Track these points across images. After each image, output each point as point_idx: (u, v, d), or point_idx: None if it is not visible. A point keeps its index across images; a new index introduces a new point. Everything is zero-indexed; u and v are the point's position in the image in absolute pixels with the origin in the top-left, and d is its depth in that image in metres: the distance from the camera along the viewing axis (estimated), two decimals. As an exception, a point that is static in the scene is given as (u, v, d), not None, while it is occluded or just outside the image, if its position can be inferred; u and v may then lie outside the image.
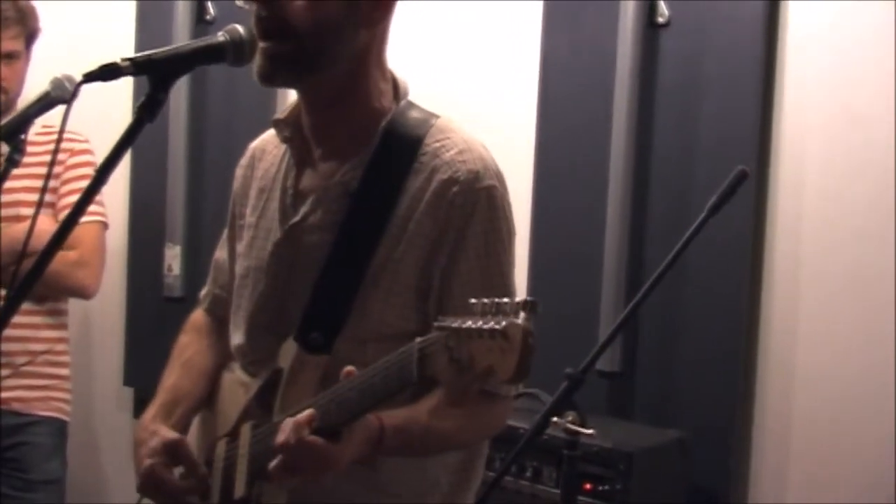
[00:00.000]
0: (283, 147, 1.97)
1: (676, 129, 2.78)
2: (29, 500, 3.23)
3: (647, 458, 2.54)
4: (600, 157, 2.84)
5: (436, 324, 1.43)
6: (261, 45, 1.78)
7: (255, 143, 2.12)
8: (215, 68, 1.79)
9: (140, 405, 3.92)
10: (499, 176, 1.85)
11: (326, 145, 1.90)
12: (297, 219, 1.88)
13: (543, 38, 3.01)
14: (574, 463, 2.27)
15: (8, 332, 3.09)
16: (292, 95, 3.44)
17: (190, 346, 2.14)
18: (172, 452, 1.89)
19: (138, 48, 3.54)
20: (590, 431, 2.28)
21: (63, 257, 3.18)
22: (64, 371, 3.36)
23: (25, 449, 3.26)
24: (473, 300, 1.40)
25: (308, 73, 1.82)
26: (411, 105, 1.91)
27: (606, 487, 2.48)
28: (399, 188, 1.81)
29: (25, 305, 3.16)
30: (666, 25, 2.78)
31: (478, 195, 1.80)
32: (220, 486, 1.90)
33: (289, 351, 1.83)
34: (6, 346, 3.17)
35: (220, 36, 1.71)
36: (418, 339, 1.48)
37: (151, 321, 3.79)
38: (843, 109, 2.54)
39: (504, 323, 1.34)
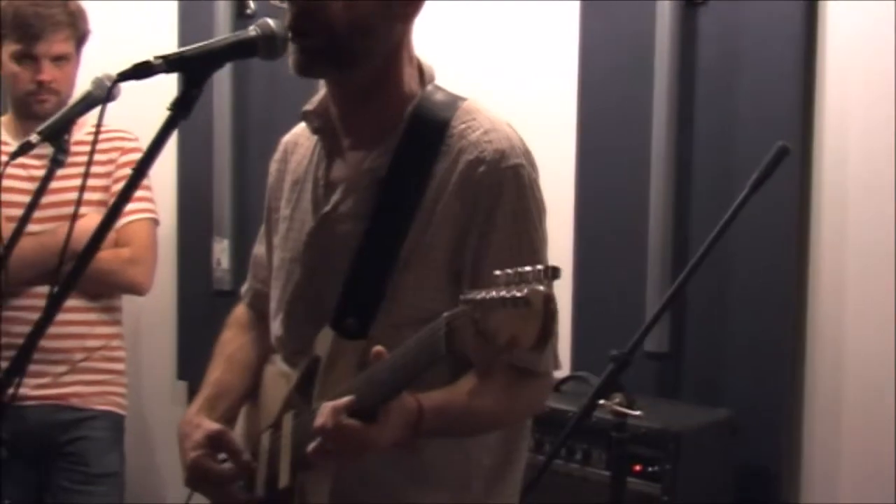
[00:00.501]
0: (315, 139, 1.98)
1: (717, 106, 2.76)
2: (89, 493, 3.28)
3: (695, 438, 2.53)
4: (642, 136, 2.83)
5: (461, 297, 1.43)
6: (295, 40, 1.79)
7: (286, 138, 2.13)
8: (258, 63, 1.80)
9: (194, 398, 3.97)
10: (527, 154, 1.84)
11: (355, 134, 1.91)
12: (328, 208, 1.89)
13: (582, 19, 3.00)
14: (622, 445, 2.27)
15: (64, 329, 3.18)
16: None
17: (232, 340, 2.15)
18: (217, 443, 1.90)
19: (181, 45, 3.57)
20: (637, 413, 2.28)
21: (116, 255, 3.23)
22: (119, 366, 3.40)
23: (85, 443, 3.30)
24: (498, 272, 1.40)
25: (344, 68, 1.83)
26: (437, 89, 1.91)
27: (656, 468, 2.48)
28: (427, 172, 1.81)
29: (80, 303, 3.25)
30: (703, 3, 2.76)
31: (504, 174, 1.79)
32: (265, 478, 1.91)
33: (326, 338, 1.84)
34: (63, 343, 3.22)
35: (252, 30, 1.73)
36: (445, 314, 1.48)
37: (202, 315, 3.82)
38: (885, 81, 2.51)
39: (525, 290, 1.33)
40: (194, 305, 3.87)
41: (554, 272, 1.36)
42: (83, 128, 3.03)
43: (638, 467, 2.49)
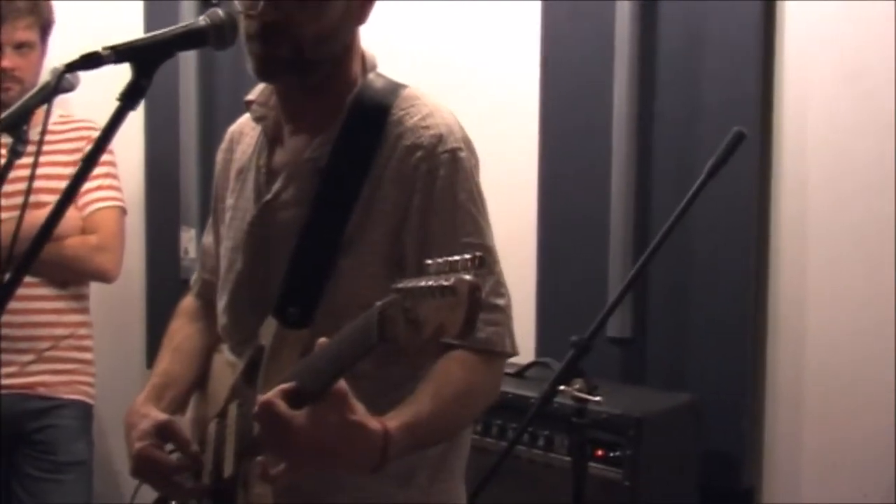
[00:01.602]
0: (259, 128, 1.98)
1: (678, 92, 2.77)
2: (57, 481, 3.28)
3: (656, 422, 2.54)
4: (604, 122, 2.84)
5: (393, 286, 1.43)
6: (256, 45, 1.80)
7: (233, 127, 2.13)
8: (224, 51, 1.80)
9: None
10: (466, 140, 1.84)
11: (297, 122, 1.91)
12: (269, 196, 1.90)
13: (543, 6, 3.00)
14: (582, 430, 2.28)
15: (31, 317, 3.17)
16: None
17: (180, 330, 2.16)
18: (164, 433, 1.90)
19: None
20: (596, 398, 2.29)
21: (84, 242, 3.23)
22: (88, 355, 3.40)
23: (52, 431, 3.30)
24: (429, 261, 1.40)
25: (307, 74, 1.83)
26: (379, 76, 1.91)
27: (618, 453, 2.49)
28: (367, 160, 1.82)
29: (47, 291, 3.24)
30: (665, -12, 2.77)
31: (440, 158, 1.80)
32: (211, 466, 1.91)
33: (269, 328, 1.84)
34: (30, 332, 3.23)
35: (201, 20, 1.73)
36: (378, 303, 1.47)
37: (170, 304, 3.79)
38: (844, 68, 2.53)
39: (452, 279, 1.34)
40: (162, 294, 3.86)
41: (481, 261, 1.36)
42: (52, 116, 3.03)
43: (600, 452, 2.50)
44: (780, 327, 2.67)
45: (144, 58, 1.66)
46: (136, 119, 3.64)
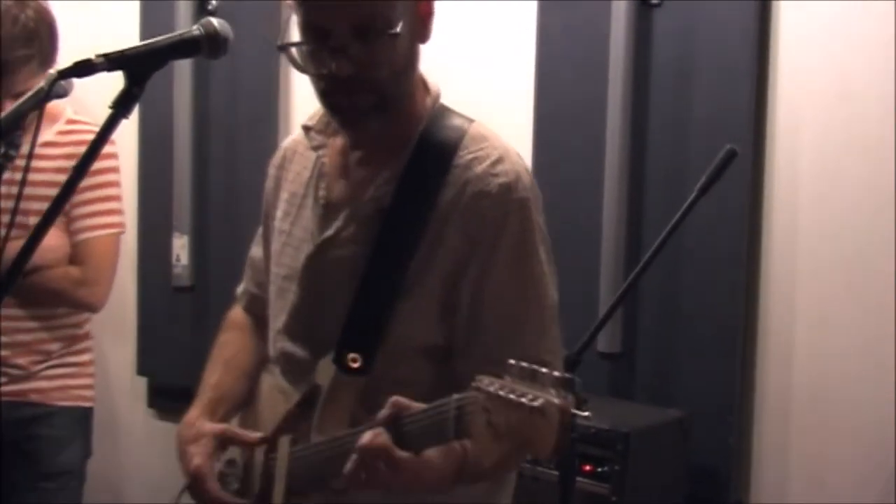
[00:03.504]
0: (315, 153, 1.95)
1: (671, 107, 2.78)
2: (40, 490, 3.26)
3: (644, 438, 2.54)
4: (596, 136, 2.84)
5: (473, 383, 1.41)
6: (337, 100, 1.78)
7: (286, 143, 2.08)
8: (219, 60, 1.79)
9: (153, 394, 3.97)
10: (532, 187, 1.82)
11: (360, 154, 1.88)
12: (330, 233, 1.87)
13: (539, 19, 3.01)
14: (570, 445, 2.28)
15: (19, 337, 3.12)
16: (296, 84, 3.48)
17: (231, 344, 2.14)
18: (224, 441, 1.92)
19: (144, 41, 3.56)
20: (585, 414, 2.28)
21: (66, 275, 3.12)
22: (85, 357, 3.35)
23: (38, 441, 3.26)
24: (512, 361, 1.39)
25: (391, 113, 1.80)
26: (445, 110, 1.88)
27: (605, 468, 2.49)
28: (432, 202, 1.78)
29: (38, 311, 3.20)
30: (659, 4, 2.77)
31: (509, 207, 1.77)
32: (258, 493, 1.91)
33: (327, 370, 1.82)
34: (21, 350, 3.19)
35: (195, 29, 1.72)
36: (455, 396, 1.46)
37: (162, 311, 3.82)
38: (838, 86, 2.54)
39: (542, 401, 1.31)
40: (154, 301, 3.86)
41: (569, 384, 1.34)
42: (55, 124, 3.02)
43: (588, 467, 2.50)
44: (769, 343, 2.68)
45: (137, 66, 1.66)
46: (130, 126, 3.64)
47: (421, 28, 1.81)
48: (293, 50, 1.81)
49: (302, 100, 3.51)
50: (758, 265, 2.68)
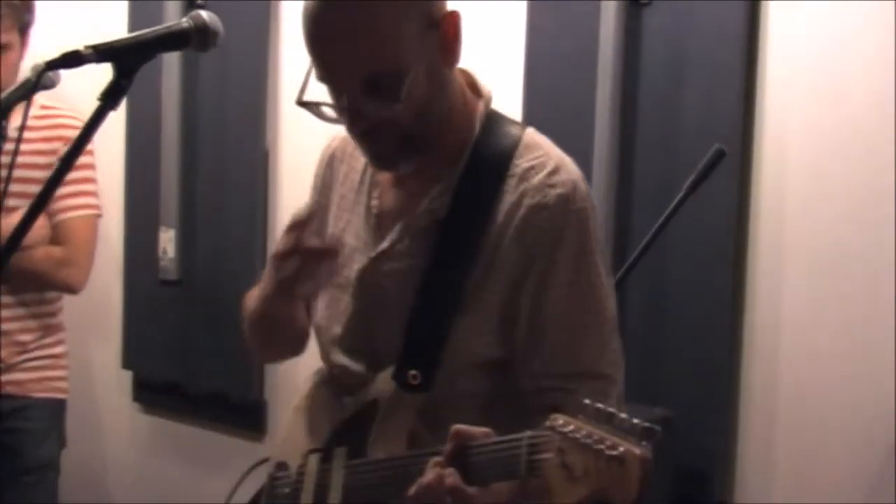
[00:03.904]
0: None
1: (660, 107, 2.77)
2: (20, 484, 3.25)
3: (630, 437, 2.54)
4: (585, 135, 2.83)
5: (548, 422, 1.39)
6: (365, 146, 1.78)
7: (335, 144, 2.04)
8: (207, 52, 1.78)
9: (138, 388, 3.96)
10: (589, 196, 1.81)
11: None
12: (385, 246, 1.85)
13: (528, 18, 3.00)
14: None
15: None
16: (285, 78, 3.47)
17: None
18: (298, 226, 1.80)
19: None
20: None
21: (48, 255, 3.15)
22: (59, 349, 3.36)
23: (19, 434, 3.27)
24: (587, 401, 1.36)
25: (424, 148, 1.78)
26: (496, 116, 1.86)
27: (590, 467, 2.48)
28: (488, 213, 1.76)
29: (9, 299, 3.19)
30: (648, 3, 2.77)
31: (567, 219, 1.75)
32: (311, 502, 1.88)
33: (386, 386, 1.80)
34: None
35: (184, 22, 1.72)
36: (528, 433, 1.44)
37: (148, 305, 3.81)
38: (826, 87, 2.54)
39: (622, 449, 1.28)
40: (140, 295, 3.85)
41: (650, 433, 1.30)
42: (30, 109, 3.01)
43: (573, 466, 2.50)
44: (755, 345, 2.68)
45: (125, 58, 1.66)
46: (117, 118, 3.63)
47: (447, 53, 1.77)
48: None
49: (291, 94, 3.50)
50: (744, 267, 2.68)
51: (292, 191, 3.50)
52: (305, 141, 3.44)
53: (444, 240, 1.78)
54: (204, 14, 1.72)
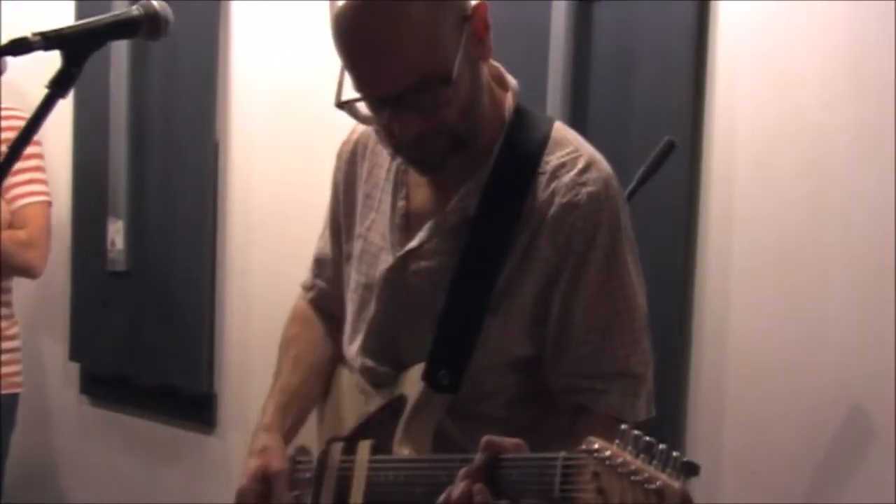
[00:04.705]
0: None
1: (611, 100, 2.78)
2: None
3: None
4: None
5: (584, 445, 1.37)
6: (413, 154, 1.75)
7: (356, 138, 2.00)
8: (156, 41, 1.75)
9: (86, 381, 3.92)
10: (620, 193, 1.80)
11: None
12: (413, 245, 1.83)
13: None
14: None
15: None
16: (236, 67, 3.45)
17: (298, 340, 2.09)
18: (267, 483, 1.89)
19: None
20: None
21: (12, 237, 3.18)
22: (14, 343, 3.35)
23: None
24: (624, 426, 1.34)
25: (468, 145, 1.76)
26: (524, 112, 1.85)
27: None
28: (518, 211, 1.75)
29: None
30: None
31: (599, 218, 1.74)
32: (333, 493, 1.88)
33: (414, 383, 1.79)
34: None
35: (134, 10, 1.70)
36: (563, 454, 1.42)
37: (96, 296, 3.78)
38: (773, 80, 2.56)
39: (660, 483, 1.26)
40: (88, 286, 3.83)
41: (690, 469, 1.27)
42: None
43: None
44: (704, 338, 2.69)
45: (75, 46, 1.63)
46: (64, 108, 3.59)
47: (481, 49, 1.75)
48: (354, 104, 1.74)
49: (242, 83, 3.49)
50: (694, 254, 2.69)
51: (242, 182, 3.48)
52: (256, 132, 3.44)
53: (474, 238, 1.76)
54: (154, 2, 1.70)
